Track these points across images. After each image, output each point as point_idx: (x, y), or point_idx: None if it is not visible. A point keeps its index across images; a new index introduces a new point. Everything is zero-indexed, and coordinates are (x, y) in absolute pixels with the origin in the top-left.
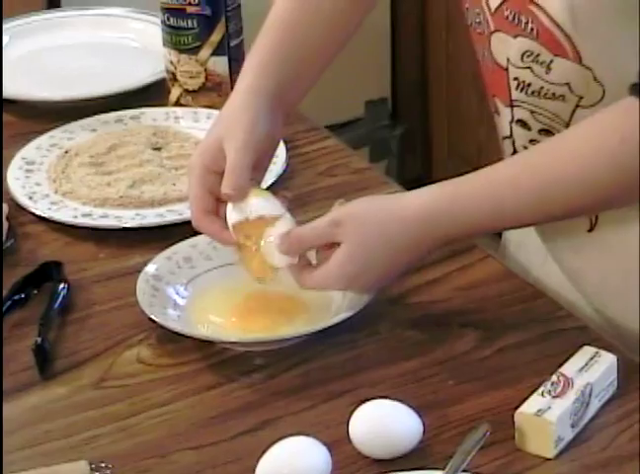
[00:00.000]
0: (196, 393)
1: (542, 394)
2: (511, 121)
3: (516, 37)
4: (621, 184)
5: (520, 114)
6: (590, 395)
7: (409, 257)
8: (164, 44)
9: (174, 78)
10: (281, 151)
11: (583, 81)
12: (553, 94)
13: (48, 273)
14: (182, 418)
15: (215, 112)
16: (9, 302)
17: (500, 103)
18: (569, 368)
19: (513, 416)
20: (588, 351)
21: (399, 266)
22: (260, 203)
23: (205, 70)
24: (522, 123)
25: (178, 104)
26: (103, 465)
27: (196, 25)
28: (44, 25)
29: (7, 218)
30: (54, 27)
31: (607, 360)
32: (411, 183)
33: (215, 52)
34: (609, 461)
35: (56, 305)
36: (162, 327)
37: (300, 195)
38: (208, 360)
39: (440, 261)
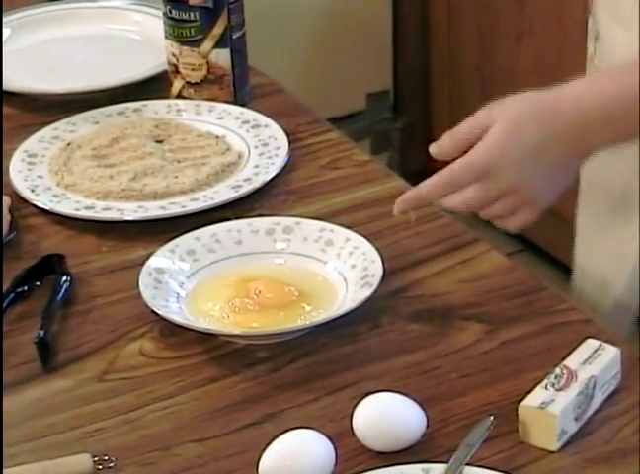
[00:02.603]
0: (199, 386)
1: (546, 387)
2: None
3: None
4: None
5: None
6: (593, 388)
7: (562, 154)
8: (166, 37)
9: (176, 70)
10: (284, 144)
11: None
12: None
13: (51, 265)
14: (185, 411)
15: (217, 104)
16: (11, 295)
17: None
18: (572, 361)
19: (516, 409)
20: (591, 343)
21: (551, 161)
22: None
23: (208, 63)
24: None
25: (180, 96)
26: (106, 458)
27: (198, 17)
28: (46, 17)
29: (9, 211)
30: (56, 19)
31: (611, 353)
32: (413, 176)
33: (218, 45)
34: (613, 454)
35: (59, 298)
36: (165, 320)
37: (303, 187)
38: (211, 353)
39: (443, 254)
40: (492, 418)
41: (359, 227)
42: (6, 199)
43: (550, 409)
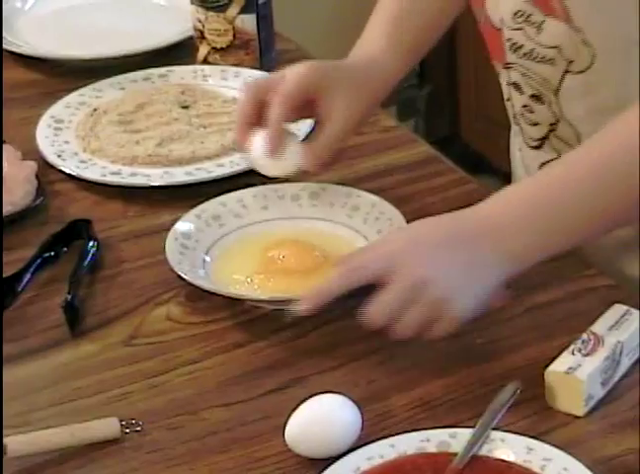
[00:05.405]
0: (225, 351)
1: (573, 352)
2: (507, 84)
3: None
4: None
5: (513, 76)
6: (620, 353)
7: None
8: (192, 2)
9: (202, 36)
10: None
11: (572, 44)
12: (543, 57)
13: (78, 231)
14: (211, 375)
15: (243, 70)
16: (39, 260)
17: (497, 64)
18: (599, 327)
19: (543, 374)
20: (618, 309)
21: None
22: None
23: (233, 28)
24: (516, 86)
25: (206, 62)
26: (133, 422)
27: None
28: None
29: (36, 176)
30: None
31: (638, 319)
32: (438, 142)
33: (243, 10)
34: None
35: (86, 263)
36: (191, 285)
37: None
38: (237, 318)
39: None
40: (518, 383)
41: (384, 193)
42: (33, 165)
43: (577, 374)
